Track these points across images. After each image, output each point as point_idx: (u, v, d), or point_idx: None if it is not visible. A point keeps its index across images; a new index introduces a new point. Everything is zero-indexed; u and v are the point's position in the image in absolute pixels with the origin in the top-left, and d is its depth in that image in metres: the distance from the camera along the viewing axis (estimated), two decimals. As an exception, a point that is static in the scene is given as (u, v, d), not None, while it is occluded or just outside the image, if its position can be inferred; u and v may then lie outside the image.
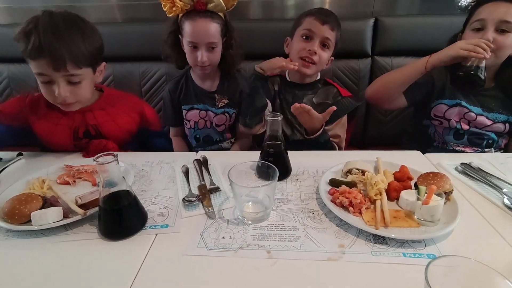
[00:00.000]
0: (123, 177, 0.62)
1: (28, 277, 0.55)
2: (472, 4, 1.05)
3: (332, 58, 1.16)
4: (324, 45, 1.09)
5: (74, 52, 0.81)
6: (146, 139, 0.98)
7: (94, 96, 0.99)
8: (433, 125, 1.16)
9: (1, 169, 0.86)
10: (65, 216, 0.66)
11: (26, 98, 0.94)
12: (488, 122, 1.07)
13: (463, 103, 1.08)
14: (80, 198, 0.68)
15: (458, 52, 0.95)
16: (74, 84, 0.85)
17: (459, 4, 1.08)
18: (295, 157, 0.85)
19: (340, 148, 1.15)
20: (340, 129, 1.15)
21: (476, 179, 0.78)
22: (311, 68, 1.11)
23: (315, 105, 1.15)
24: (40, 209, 0.65)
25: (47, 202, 0.68)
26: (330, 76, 1.43)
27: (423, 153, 0.94)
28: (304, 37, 1.10)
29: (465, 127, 1.09)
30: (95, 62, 0.91)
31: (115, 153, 0.59)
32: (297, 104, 0.94)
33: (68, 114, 0.93)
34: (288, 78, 1.21)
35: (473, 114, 1.07)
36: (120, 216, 0.62)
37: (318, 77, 1.20)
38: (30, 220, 0.63)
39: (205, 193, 0.74)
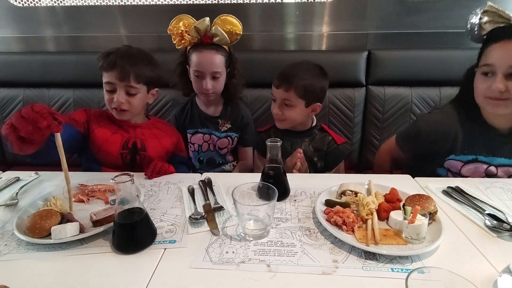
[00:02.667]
0: (136, 195, 0.69)
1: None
2: (484, 38, 0.95)
3: (319, 104, 1.17)
4: (286, 104, 1.13)
5: (137, 70, 1.05)
6: (174, 163, 1.10)
7: (144, 119, 1.20)
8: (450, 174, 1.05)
9: (20, 187, 0.92)
10: (81, 231, 0.71)
11: (89, 110, 1.14)
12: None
13: (480, 157, 0.98)
14: (95, 215, 0.75)
15: None
16: (131, 95, 1.06)
17: (469, 36, 1.00)
18: (293, 179, 0.91)
19: None
20: (338, 172, 1.22)
21: (460, 201, 0.84)
22: (282, 123, 1.18)
23: (311, 151, 1.20)
24: (58, 224, 0.71)
25: (65, 218, 0.74)
26: (327, 103, 1.52)
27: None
28: (273, 100, 1.18)
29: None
30: (151, 84, 1.12)
31: (131, 173, 0.66)
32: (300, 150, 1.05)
33: (123, 126, 1.12)
34: None
35: (493, 169, 0.98)
36: (132, 231, 0.67)
37: (314, 123, 1.24)
38: (48, 235, 0.69)
39: (210, 212, 0.80)
